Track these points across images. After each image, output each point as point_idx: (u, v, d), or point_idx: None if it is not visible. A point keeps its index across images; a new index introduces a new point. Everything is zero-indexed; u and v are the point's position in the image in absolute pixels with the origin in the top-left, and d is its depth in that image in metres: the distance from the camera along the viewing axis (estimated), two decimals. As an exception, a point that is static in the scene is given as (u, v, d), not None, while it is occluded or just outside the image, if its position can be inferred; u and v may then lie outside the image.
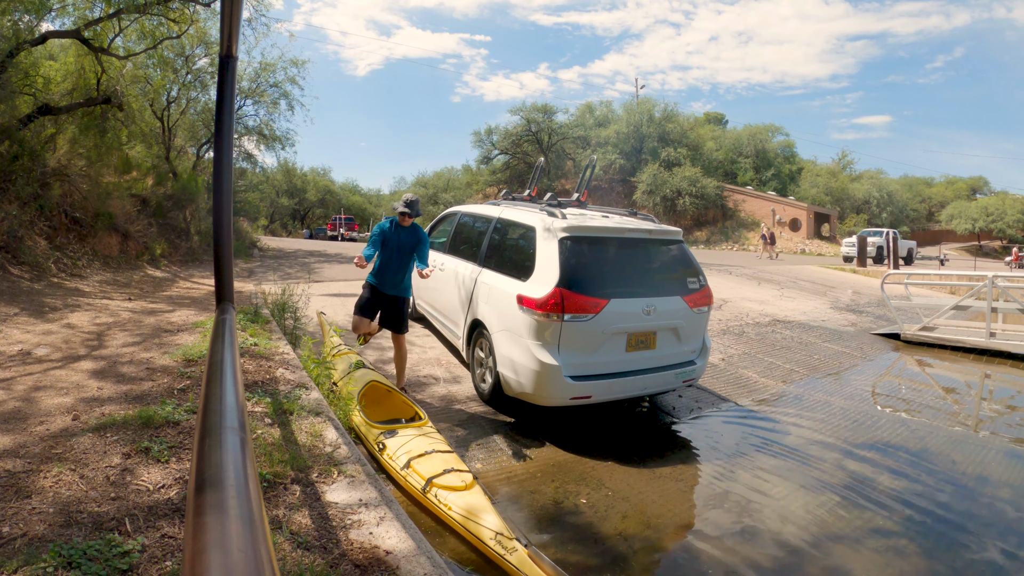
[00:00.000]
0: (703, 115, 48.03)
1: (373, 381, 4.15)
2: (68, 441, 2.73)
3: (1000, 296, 7.74)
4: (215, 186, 3.24)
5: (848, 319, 9.78)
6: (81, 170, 9.85)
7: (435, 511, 2.98)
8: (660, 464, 3.97)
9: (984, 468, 4.07)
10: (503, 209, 5.24)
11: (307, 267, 12.89)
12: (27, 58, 9.52)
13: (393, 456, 3.35)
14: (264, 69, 18.12)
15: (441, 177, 46.36)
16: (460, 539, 2.83)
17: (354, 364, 4.50)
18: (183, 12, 10.81)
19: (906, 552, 2.99)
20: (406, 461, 3.26)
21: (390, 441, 3.47)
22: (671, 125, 37.02)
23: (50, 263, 8.00)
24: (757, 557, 2.90)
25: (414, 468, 3.19)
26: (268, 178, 32.74)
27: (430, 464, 3.21)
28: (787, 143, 42.03)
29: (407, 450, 3.35)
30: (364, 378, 4.19)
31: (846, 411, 5.22)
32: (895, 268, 17.30)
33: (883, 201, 38.16)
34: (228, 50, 3.08)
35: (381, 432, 3.57)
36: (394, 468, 3.29)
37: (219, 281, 3.21)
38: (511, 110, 55.64)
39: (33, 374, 3.78)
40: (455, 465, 3.21)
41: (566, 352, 4.01)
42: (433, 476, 3.07)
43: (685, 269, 4.67)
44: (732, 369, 6.31)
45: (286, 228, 47.18)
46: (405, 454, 3.32)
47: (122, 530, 2.05)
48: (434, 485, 3.03)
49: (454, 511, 2.87)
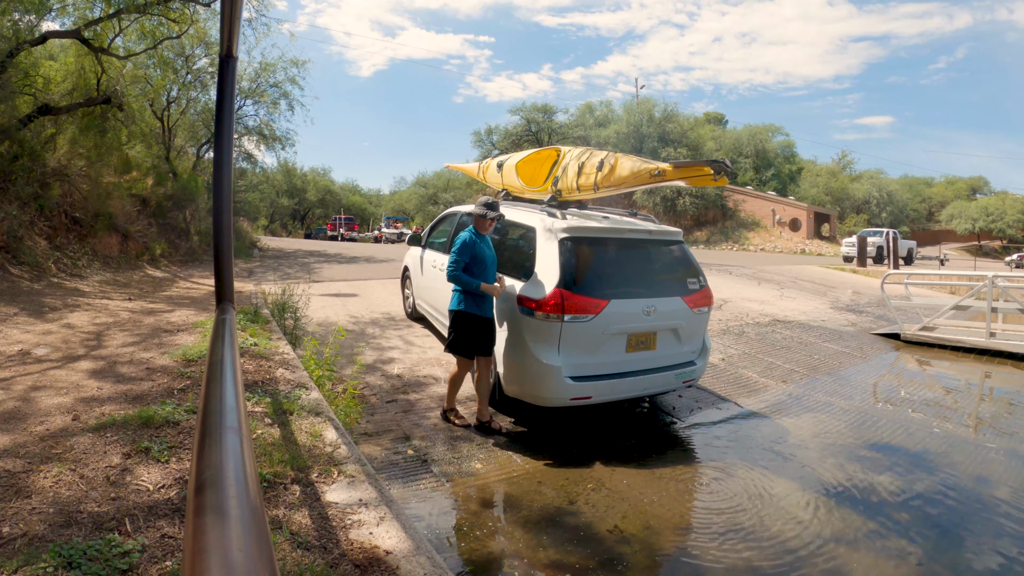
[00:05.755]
0: (703, 115, 48.10)
1: None
2: (68, 441, 2.72)
3: (1000, 296, 7.74)
4: (215, 186, 3.24)
5: (848, 319, 9.78)
6: (81, 170, 9.85)
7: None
8: (660, 464, 3.97)
9: (984, 468, 4.07)
10: (503, 209, 5.24)
11: (307, 267, 12.89)
12: (27, 58, 9.52)
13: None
14: (264, 69, 18.14)
15: (441, 177, 46.35)
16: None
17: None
18: (183, 12, 10.82)
19: (906, 553, 2.99)
20: None
21: None
22: (671, 125, 37.02)
23: (50, 263, 8.00)
24: (757, 557, 2.89)
25: None
26: (268, 178, 32.75)
27: None
28: (787, 143, 42.10)
29: None
30: None
31: (846, 411, 5.22)
32: (895, 268, 17.30)
33: (883, 201, 38.18)
34: (228, 50, 3.08)
35: None
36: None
37: (219, 281, 3.21)
38: (511, 110, 55.69)
39: (32, 374, 3.78)
40: None
41: (566, 353, 4.01)
42: None
43: (685, 270, 4.67)
44: (732, 369, 6.31)
45: (286, 228, 47.20)
46: None
47: (122, 530, 2.05)
48: None
49: None
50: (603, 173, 4.47)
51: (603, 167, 4.49)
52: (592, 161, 4.66)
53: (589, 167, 4.65)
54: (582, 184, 4.73)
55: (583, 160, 4.80)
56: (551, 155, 5.50)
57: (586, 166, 4.70)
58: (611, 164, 4.43)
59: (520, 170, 5.81)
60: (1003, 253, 35.21)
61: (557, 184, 5.06)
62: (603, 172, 4.47)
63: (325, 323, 6.69)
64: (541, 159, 5.68)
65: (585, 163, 4.74)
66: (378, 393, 4.80)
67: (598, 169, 4.52)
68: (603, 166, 4.49)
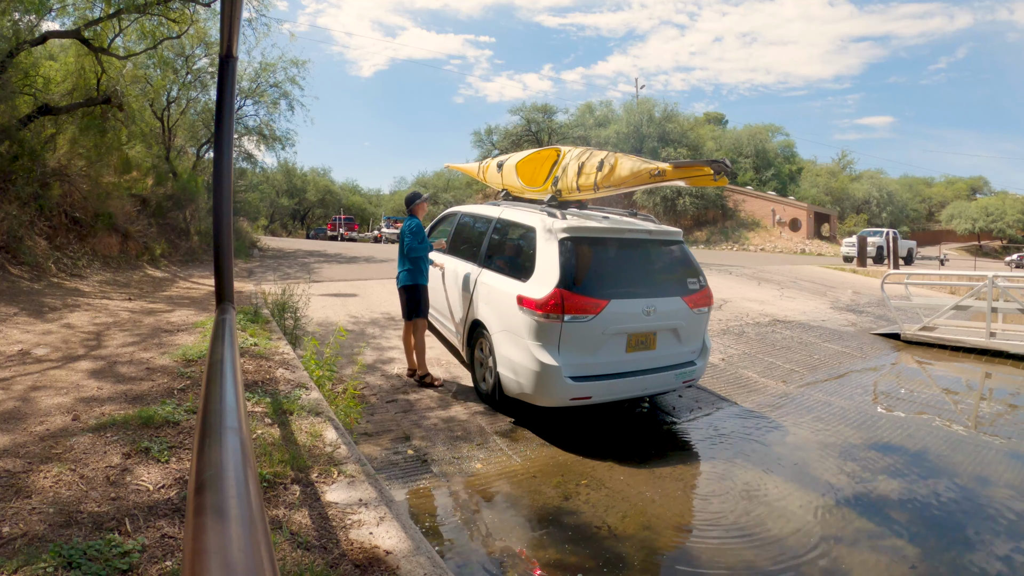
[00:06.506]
0: (703, 115, 48.12)
1: None
2: (67, 441, 2.72)
3: (1000, 296, 7.74)
4: (215, 186, 3.23)
5: (848, 319, 9.78)
6: (81, 170, 9.85)
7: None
8: (660, 464, 3.97)
9: (984, 468, 4.07)
10: (503, 209, 5.24)
11: (307, 267, 12.89)
12: (27, 58, 9.52)
13: None
14: (264, 69, 18.14)
15: (441, 177, 46.35)
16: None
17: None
18: (183, 12, 10.81)
19: (906, 553, 2.99)
20: None
21: None
22: (671, 125, 37.04)
23: (50, 263, 8.00)
24: (757, 557, 2.89)
25: None
26: (268, 178, 32.77)
27: None
28: (787, 143, 42.13)
29: None
30: None
31: (846, 411, 5.22)
32: (895, 268, 17.30)
33: (883, 201, 38.19)
34: (228, 50, 3.08)
35: None
36: None
37: (219, 281, 3.21)
38: (511, 110, 55.75)
39: (32, 374, 3.78)
40: None
41: (566, 353, 4.01)
42: None
43: (685, 269, 4.67)
44: (732, 369, 6.31)
45: (286, 228, 47.20)
46: None
47: (122, 530, 2.05)
48: None
49: None
50: (603, 173, 4.47)
51: (603, 167, 4.49)
52: (592, 161, 4.66)
53: (589, 167, 4.65)
54: (582, 184, 4.73)
55: (583, 160, 4.80)
56: (551, 155, 5.50)
57: (586, 166, 4.70)
58: (611, 164, 4.43)
59: (520, 170, 5.82)
60: (1003, 253, 35.21)
61: (557, 184, 5.06)
62: (603, 172, 4.48)
63: (325, 323, 6.69)
64: (541, 159, 5.68)
65: (585, 163, 4.74)
66: (378, 393, 4.80)
67: (598, 169, 4.53)
68: (603, 166, 4.49)
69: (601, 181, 4.49)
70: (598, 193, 4.66)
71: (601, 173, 4.49)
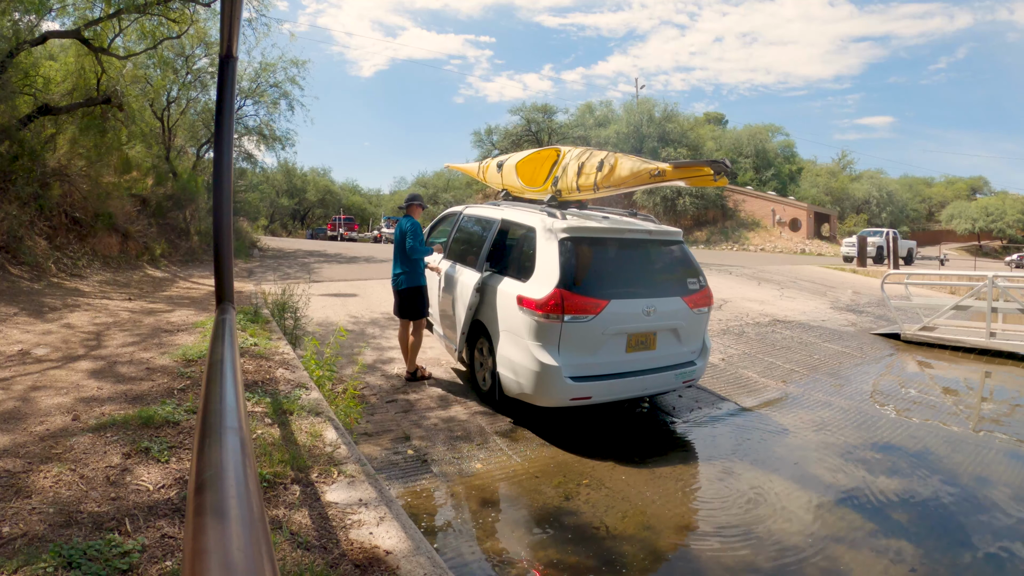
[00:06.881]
0: (703, 115, 48.11)
1: None
2: (67, 441, 2.72)
3: (1000, 296, 7.74)
4: (215, 186, 3.23)
5: (848, 319, 9.78)
6: (81, 170, 9.85)
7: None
8: (660, 464, 3.97)
9: (984, 468, 4.07)
10: (503, 210, 5.24)
11: (307, 267, 12.89)
12: (27, 58, 9.52)
13: None
14: (264, 69, 18.14)
15: (441, 177, 46.32)
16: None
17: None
18: (183, 12, 10.81)
19: (905, 553, 2.99)
20: None
21: None
22: (671, 125, 37.02)
23: (50, 263, 8.00)
24: (757, 557, 2.89)
25: None
26: (268, 178, 32.74)
27: None
28: (787, 143, 42.10)
29: None
30: None
31: (846, 411, 5.22)
32: (895, 268, 17.30)
33: (883, 201, 38.17)
34: (228, 50, 3.08)
35: None
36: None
37: (219, 281, 3.21)
38: (511, 110, 55.70)
39: (32, 374, 3.78)
40: None
41: (566, 353, 4.01)
42: None
43: (685, 270, 4.67)
44: (732, 369, 6.31)
45: (286, 228, 47.19)
46: None
47: (122, 530, 2.05)
48: None
49: None
50: (603, 173, 4.47)
51: (603, 167, 4.49)
52: (592, 161, 4.66)
53: (589, 167, 4.65)
54: (582, 184, 4.73)
55: (583, 160, 4.80)
56: (551, 155, 5.50)
57: (586, 166, 4.71)
58: (611, 164, 4.44)
59: (520, 170, 5.82)
60: (1003, 253, 35.18)
61: (557, 184, 5.06)
62: (603, 172, 4.48)
63: (325, 323, 6.69)
64: (541, 159, 5.68)
65: (585, 163, 4.74)
66: (378, 393, 4.81)
67: (598, 169, 4.53)
68: (603, 166, 4.49)
69: (601, 181, 4.49)
70: (598, 193, 4.66)
71: (601, 173, 4.49)
